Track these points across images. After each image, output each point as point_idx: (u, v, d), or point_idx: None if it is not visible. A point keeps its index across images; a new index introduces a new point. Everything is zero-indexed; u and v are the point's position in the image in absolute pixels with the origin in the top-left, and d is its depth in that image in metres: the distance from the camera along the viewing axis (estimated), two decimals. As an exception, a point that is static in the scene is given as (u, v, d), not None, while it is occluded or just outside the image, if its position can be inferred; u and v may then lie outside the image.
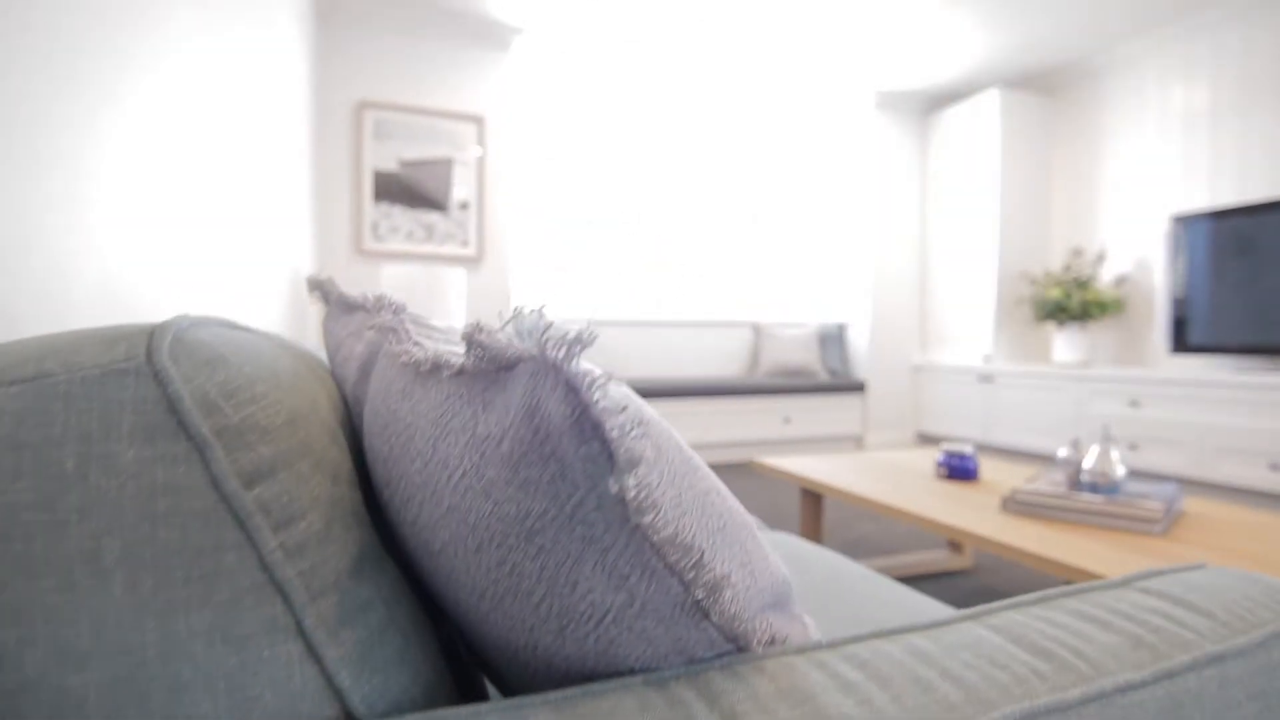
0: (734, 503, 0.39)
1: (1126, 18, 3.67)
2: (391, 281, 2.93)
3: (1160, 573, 0.50)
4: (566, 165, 4.52)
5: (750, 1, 3.46)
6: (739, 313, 5.00)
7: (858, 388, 4.72)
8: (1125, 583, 0.48)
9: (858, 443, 4.81)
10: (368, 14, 3.47)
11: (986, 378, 4.32)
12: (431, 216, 3.63)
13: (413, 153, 3.58)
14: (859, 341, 4.88)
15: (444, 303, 2.99)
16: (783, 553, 1.02)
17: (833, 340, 4.97)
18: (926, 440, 4.90)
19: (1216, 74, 3.64)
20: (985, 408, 4.33)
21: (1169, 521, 1.47)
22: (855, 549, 2.52)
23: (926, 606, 0.80)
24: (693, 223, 4.89)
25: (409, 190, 3.58)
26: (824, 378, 4.72)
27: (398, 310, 0.46)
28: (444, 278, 2.99)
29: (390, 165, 3.54)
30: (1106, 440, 1.60)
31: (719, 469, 4.14)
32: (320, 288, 0.63)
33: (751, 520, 0.42)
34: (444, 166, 3.64)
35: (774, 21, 3.69)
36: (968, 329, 4.57)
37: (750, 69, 4.32)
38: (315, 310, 3.25)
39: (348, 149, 3.49)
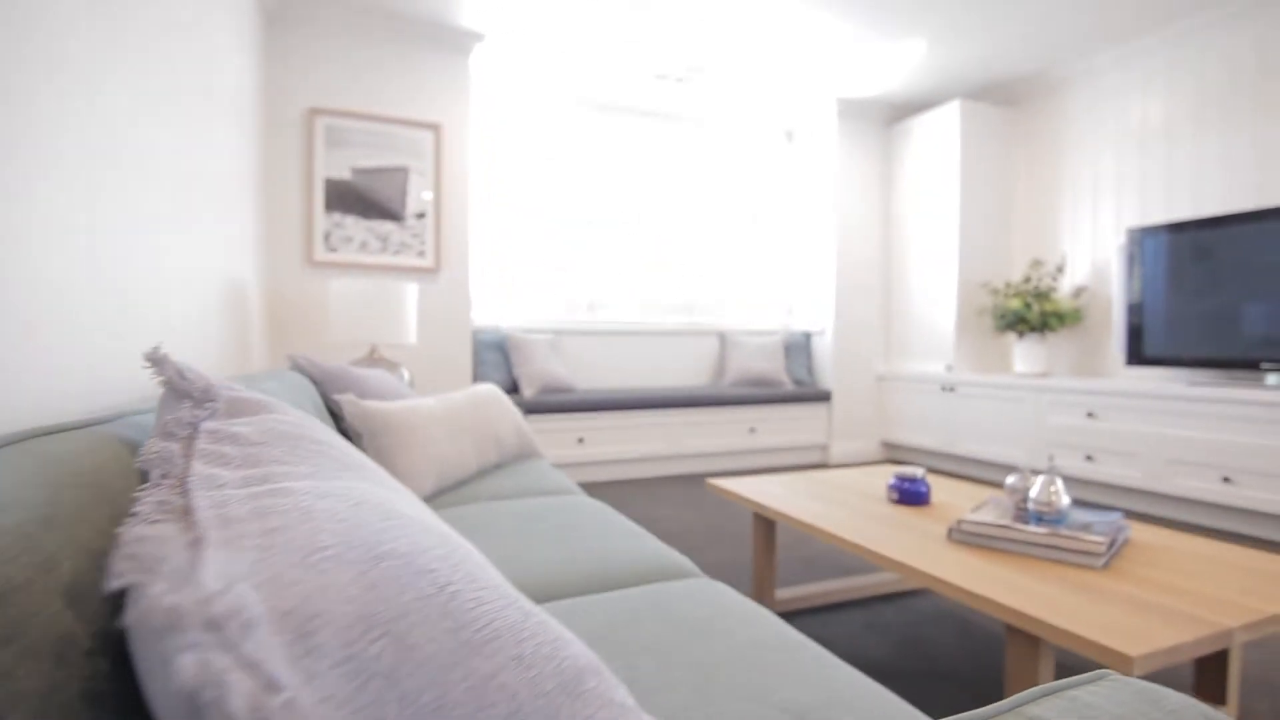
0: (549, 665, 0.34)
1: (1084, 33, 3.69)
2: (340, 295, 2.84)
3: (1059, 689, 0.46)
4: (527, 173, 4.45)
5: (713, 13, 3.42)
6: (705, 321, 4.97)
7: (824, 397, 4.72)
8: (1015, 708, 0.44)
9: (823, 452, 4.80)
10: (318, 17, 3.37)
11: (949, 388, 4.34)
12: (386, 226, 3.54)
13: (367, 161, 3.49)
14: (825, 350, 4.88)
15: (397, 316, 2.91)
16: (709, 610, 0.98)
17: (799, 349, 4.96)
18: (891, 449, 4.91)
19: (1171, 91, 3.68)
20: (948, 417, 4.35)
21: (1112, 555, 1.45)
22: (812, 568, 2.49)
23: (840, 683, 0.75)
24: (660, 229, 4.84)
25: (362, 199, 3.49)
26: (789, 387, 4.71)
27: (194, 428, 0.40)
28: (395, 290, 2.90)
29: (343, 174, 3.45)
30: (1051, 470, 1.58)
31: (684, 480, 4.10)
32: (157, 364, 0.57)
33: (582, 665, 0.37)
34: (399, 175, 3.56)
35: (739, 33, 3.65)
36: (930, 339, 4.59)
37: (717, 76, 4.29)
38: (261, 331, 3.14)
39: (298, 156, 3.39)
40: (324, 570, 0.26)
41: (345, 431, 1.83)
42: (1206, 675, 1.53)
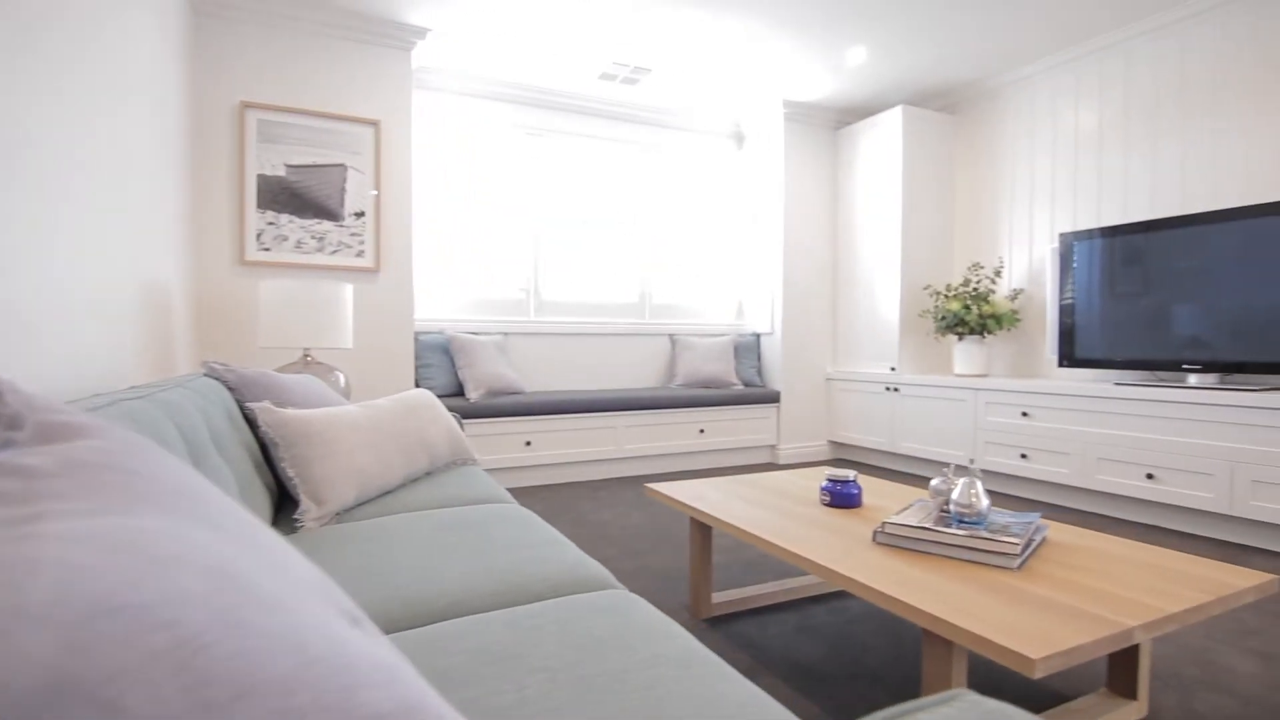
0: (325, 716, 0.31)
1: (1018, 44, 3.79)
2: (269, 296, 2.75)
3: (904, 713, 0.46)
4: (473, 171, 4.38)
5: (655, 18, 3.42)
6: (655, 322, 4.97)
7: (773, 398, 4.76)
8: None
9: (772, 452, 4.84)
10: (248, 7, 3.25)
11: (893, 388, 4.41)
12: (323, 225, 3.44)
13: (302, 158, 3.39)
14: (774, 351, 4.92)
15: (332, 318, 2.83)
16: (616, 624, 0.96)
17: (748, 350, 4.99)
18: (839, 449, 4.98)
19: (1102, 101, 3.81)
20: (892, 418, 4.43)
21: (1028, 555, 1.48)
22: (754, 571, 2.50)
23: (732, 702, 0.74)
24: (610, 230, 4.82)
25: (298, 197, 3.38)
26: (739, 388, 4.73)
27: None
28: (330, 292, 2.82)
29: (277, 170, 3.34)
30: (971, 473, 1.61)
31: (633, 482, 4.09)
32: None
33: (374, 712, 0.34)
34: (336, 172, 3.46)
35: (682, 37, 3.65)
36: (876, 340, 4.66)
37: (664, 78, 4.29)
38: (188, 335, 3.02)
39: (228, 152, 3.27)
40: (11, 632, 0.23)
41: (261, 440, 1.77)
42: (1117, 670, 1.58)
